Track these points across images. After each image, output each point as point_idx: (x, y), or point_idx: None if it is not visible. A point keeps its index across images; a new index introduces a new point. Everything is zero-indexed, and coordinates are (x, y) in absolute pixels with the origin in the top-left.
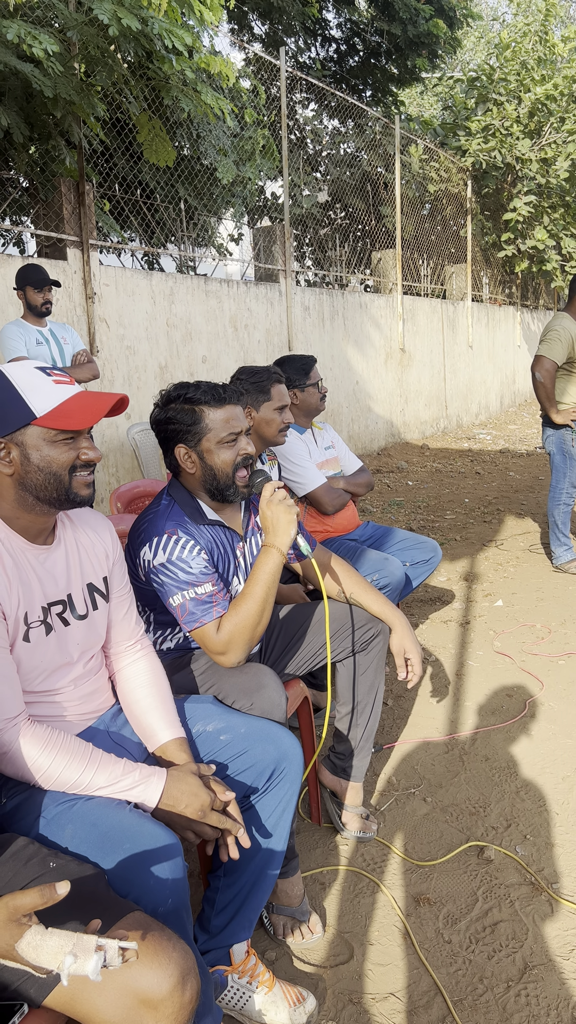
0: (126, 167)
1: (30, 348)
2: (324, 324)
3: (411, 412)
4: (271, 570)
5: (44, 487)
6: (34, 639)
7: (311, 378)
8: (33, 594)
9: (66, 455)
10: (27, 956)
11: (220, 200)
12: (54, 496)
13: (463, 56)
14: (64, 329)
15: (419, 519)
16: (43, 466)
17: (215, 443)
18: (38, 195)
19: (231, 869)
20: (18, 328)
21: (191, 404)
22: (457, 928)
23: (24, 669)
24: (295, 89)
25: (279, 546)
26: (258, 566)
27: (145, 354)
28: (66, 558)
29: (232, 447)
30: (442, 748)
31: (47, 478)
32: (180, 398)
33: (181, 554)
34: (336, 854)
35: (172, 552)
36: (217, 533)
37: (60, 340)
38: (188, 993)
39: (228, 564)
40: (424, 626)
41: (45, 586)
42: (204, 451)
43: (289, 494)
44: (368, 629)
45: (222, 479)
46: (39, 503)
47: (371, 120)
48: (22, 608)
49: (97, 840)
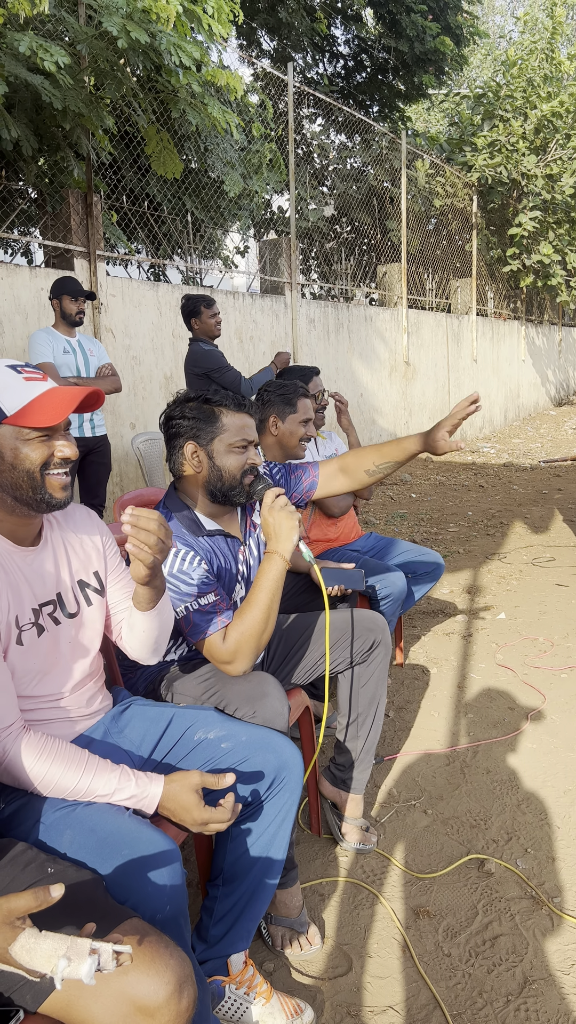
0: (134, 179)
1: (57, 355)
2: (329, 337)
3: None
4: (275, 576)
5: (19, 486)
6: (27, 642)
7: (309, 389)
8: (23, 597)
9: (38, 452)
10: (20, 959)
11: (227, 213)
12: (29, 496)
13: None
14: (91, 342)
15: (422, 531)
16: (16, 464)
17: (226, 445)
18: (46, 206)
19: (229, 878)
20: (47, 335)
21: (210, 404)
22: (457, 941)
23: (19, 673)
24: (303, 104)
25: (282, 552)
26: (261, 573)
27: (151, 364)
28: (54, 558)
29: (242, 454)
30: (443, 760)
31: (20, 476)
32: (200, 398)
33: (181, 566)
34: (336, 865)
35: (172, 565)
36: (216, 542)
37: (87, 352)
38: (185, 1001)
39: (230, 572)
40: (426, 638)
41: (34, 588)
42: (214, 451)
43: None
44: (368, 640)
45: (228, 481)
46: (18, 504)
47: (378, 135)
48: (12, 612)
49: (95, 846)
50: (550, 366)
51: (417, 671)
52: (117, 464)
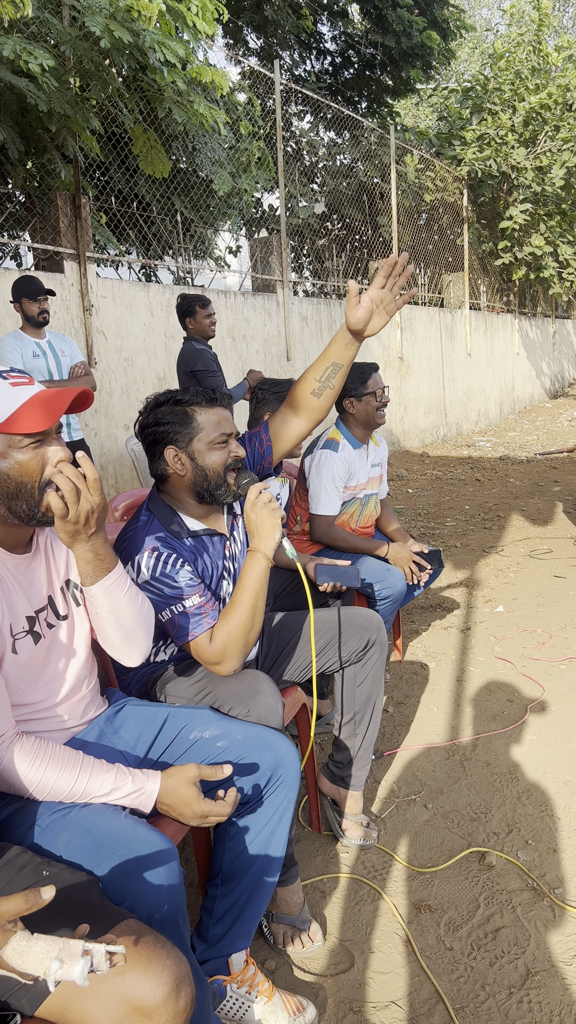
0: (122, 180)
1: (27, 361)
2: (322, 334)
3: (410, 420)
4: (258, 575)
5: (14, 496)
6: (21, 650)
7: (368, 386)
8: (17, 605)
9: (32, 459)
10: (12, 962)
11: (217, 212)
12: (23, 509)
13: (457, 67)
14: (63, 340)
15: (419, 526)
16: (11, 474)
17: (206, 444)
18: (35, 209)
19: (229, 877)
20: (15, 340)
21: (182, 405)
22: (459, 935)
23: (13, 681)
24: (290, 101)
25: (264, 551)
26: (245, 572)
27: (143, 365)
28: (44, 562)
29: (223, 448)
30: (443, 754)
31: (15, 487)
32: (170, 400)
33: (164, 569)
34: (336, 862)
35: (155, 569)
36: (201, 543)
37: (58, 352)
38: (182, 1001)
39: (216, 571)
40: (425, 632)
41: (28, 594)
42: (195, 452)
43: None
44: (362, 639)
45: (213, 479)
46: (10, 515)
47: (366, 131)
48: (6, 621)
49: (92, 847)
50: (544, 359)
51: (416, 666)
52: (111, 466)
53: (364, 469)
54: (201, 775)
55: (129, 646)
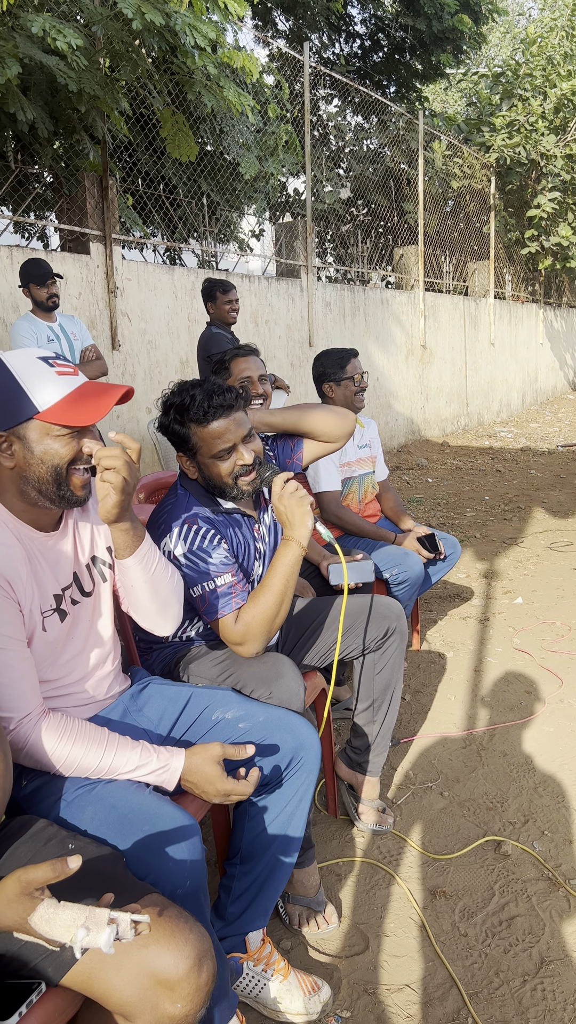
0: (149, 162)
1: (42, 344)
2: (345, 320)
3: (432, 409)
4: (290, 562)
5: (44, 481)
6: (50, 628)
7: (347, 371)
8: (46, 583)
9: (67, 448)
10: (40, 929)
11: (242, 195)
12: (52, 491)
13: (488, 52)
14: (73, 323)
15: (439, 516)
16: (45, 459)
17: (208, 458)
18: (62, 189)
19: (247, 857)
20: (29, 324)
21: (182, 420)
22: (473, 922)
23: (41, 658)
24: (319, 85)
25: (298, 539)
26: (277, 558)
27: (166, 348)
28: (72, 540)
29: (227, 459)
30: (460, 743)
31: (48, 471)
32: (173, 408)
33: (202, 544)
34: (352, 846)
35: (192, 542)
36: (235, 520)
37: (70, 335)
38: (204, 975)
39: (248, 550)
40: (443, 622)
41: (56, 572)
42: (201, 464)
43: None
44: (382, 627)
45: (221, 485)
46: (41, 497)
47: (395, 116)
48: (36, 600)
49: (116, 822)
50: (568, 349)
51: (434, 655)
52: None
53: (351, 448)
54: (225, 754)
55: (164, 615)
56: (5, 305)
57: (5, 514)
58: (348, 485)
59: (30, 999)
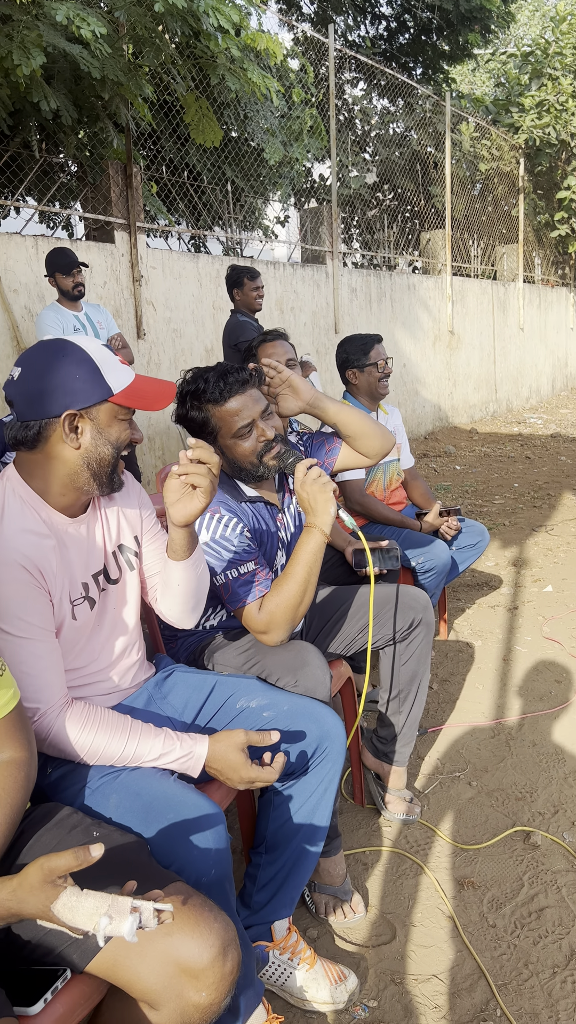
0: (173, 150)
1: (68, 334)
2: (371, 306)
3: (460, 396)
4: (313, 550)
5: (106, 463)
6: (80, 615)
7: (371, 358)
8: (75, 571)
9: (126, 433)
10: (63, 917)
11: (267, 181)
12: (107, 475)
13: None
14: (99, 312)
15: (467, 504)
16: (112, 440)
17: (230, 438)
18: (86, 178)
19: (272, 846)
20: (55, 314)
21: (198, 404)
22: (502, 912)
23: (69, 645)
24: (344, 68)
25: (321, 526)
26: (300, 546)
27: (191, 337)
28: (101, 526)
29: (248, 437)
30: (488, 733)
31: (112, 454)
32: (189, 394)
33: (224, 532)
34: (379, 835)
35: (215, 531)
36: (258, 509)
37: (96, 324)
38: (229, 964)
39: (271, 539)
40: (471, 611)
41: (87, 559)
42: (223, 446)
43: None
44: (407, 618)
45: (247, 467)
46: (93, 481)
47: (421, 98)
48: (67, 587)
49: (141, 810)
50: None
51: (461, 643)
52: (159, 437)
53: None
54: (249, 741)
55: (194, 612)
56: (31, 295)
57: (35, 500)
58: (372, 473)
59: (55, 986)
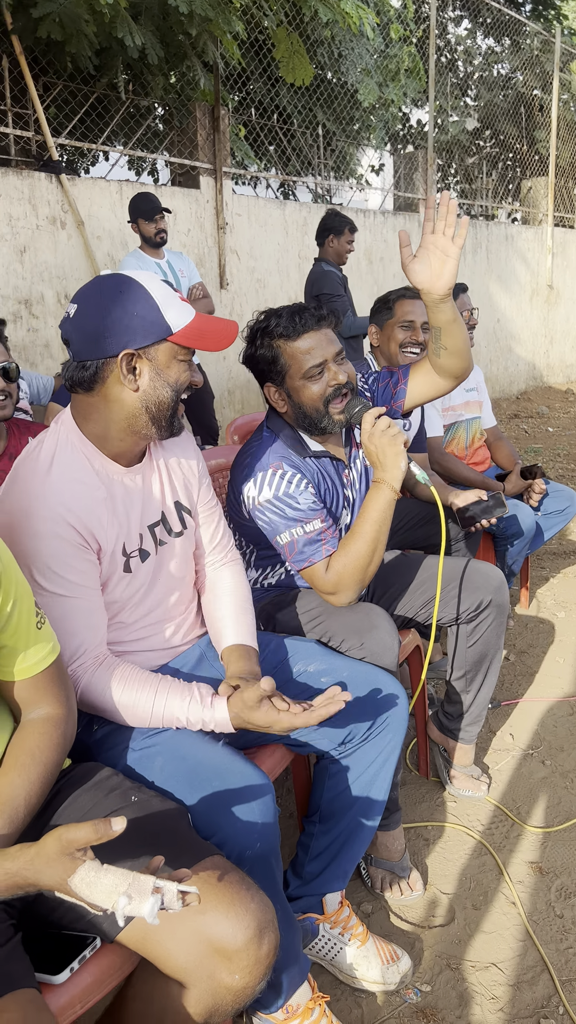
0: (263, 91)
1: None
2: (465, 258)
3: (556, 354)
4: (382, 507)
5: (166, 406)
6: (135, 568)
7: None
8: (131, 522)
9: (186, 374)
10: (80, 892)
11: (361, 125)
12: (167, 418)
13: None
14: (181, 260)
15: (558, 468)
16: (171, 382)
17: (299, 379)
18: (172, 121)
19: (327, 816)
20: (137, 261)
21: (269, 340)
22: (571, 903)
23: (124, 599)
24: (447, 5)
25: (390, 481)
26: (368, 502)
27: (275, 287)
28: (158, 477)
29: (319, 379)
30: (566, 709)
31: (172, 396)
32: (260, 331)
33: (288, 489)
34: (443, 810)
35: (279, 488)
36: (323, 464)
37: (178, 272)
38: (265, 947)
39: (336, 496)
40: (555, 580)
41: (143, 510)
42: (291, 389)
43: None
44: (475, 599)
45: (313, 415)
46: (150, 424)
47: (530, 36)
48: (120, 540)
49: (185, 775)
50: None
51: (543, 615)
52: (239, 391)
53: (458, 391)
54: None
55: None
56: (115, 242)
57: (89, 448)
58: (453, 431)
59: (83, 954)
